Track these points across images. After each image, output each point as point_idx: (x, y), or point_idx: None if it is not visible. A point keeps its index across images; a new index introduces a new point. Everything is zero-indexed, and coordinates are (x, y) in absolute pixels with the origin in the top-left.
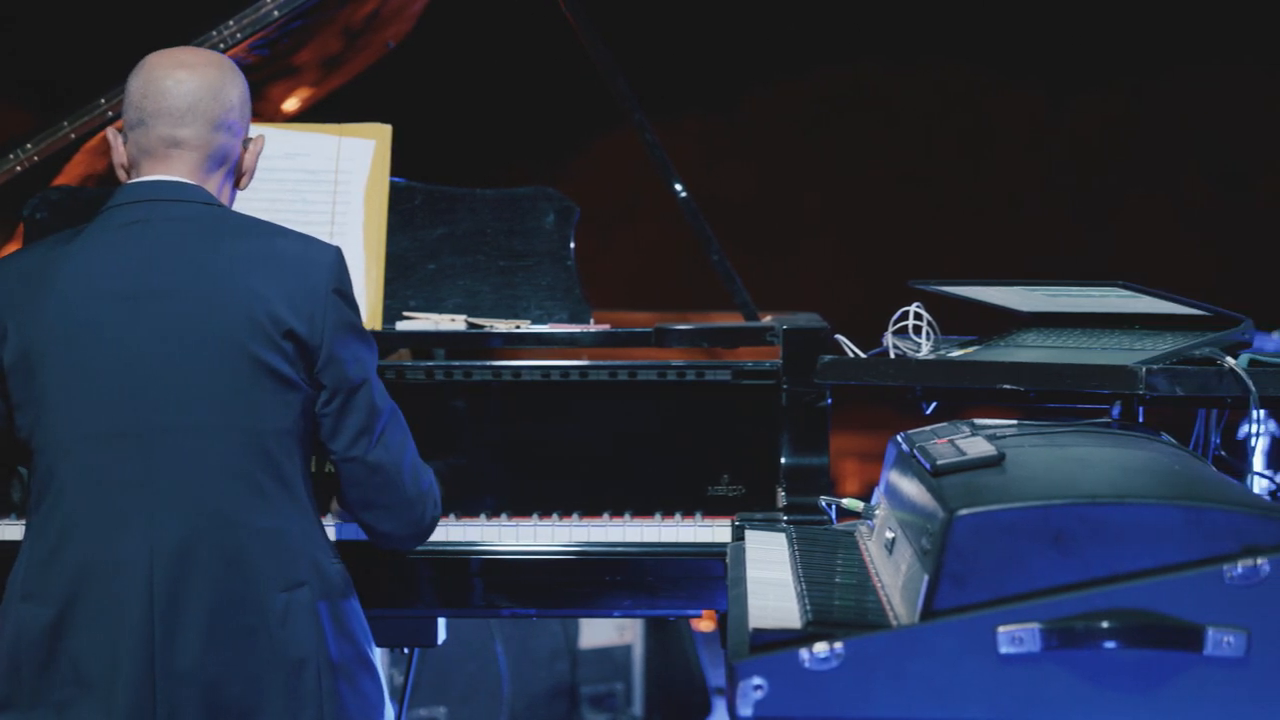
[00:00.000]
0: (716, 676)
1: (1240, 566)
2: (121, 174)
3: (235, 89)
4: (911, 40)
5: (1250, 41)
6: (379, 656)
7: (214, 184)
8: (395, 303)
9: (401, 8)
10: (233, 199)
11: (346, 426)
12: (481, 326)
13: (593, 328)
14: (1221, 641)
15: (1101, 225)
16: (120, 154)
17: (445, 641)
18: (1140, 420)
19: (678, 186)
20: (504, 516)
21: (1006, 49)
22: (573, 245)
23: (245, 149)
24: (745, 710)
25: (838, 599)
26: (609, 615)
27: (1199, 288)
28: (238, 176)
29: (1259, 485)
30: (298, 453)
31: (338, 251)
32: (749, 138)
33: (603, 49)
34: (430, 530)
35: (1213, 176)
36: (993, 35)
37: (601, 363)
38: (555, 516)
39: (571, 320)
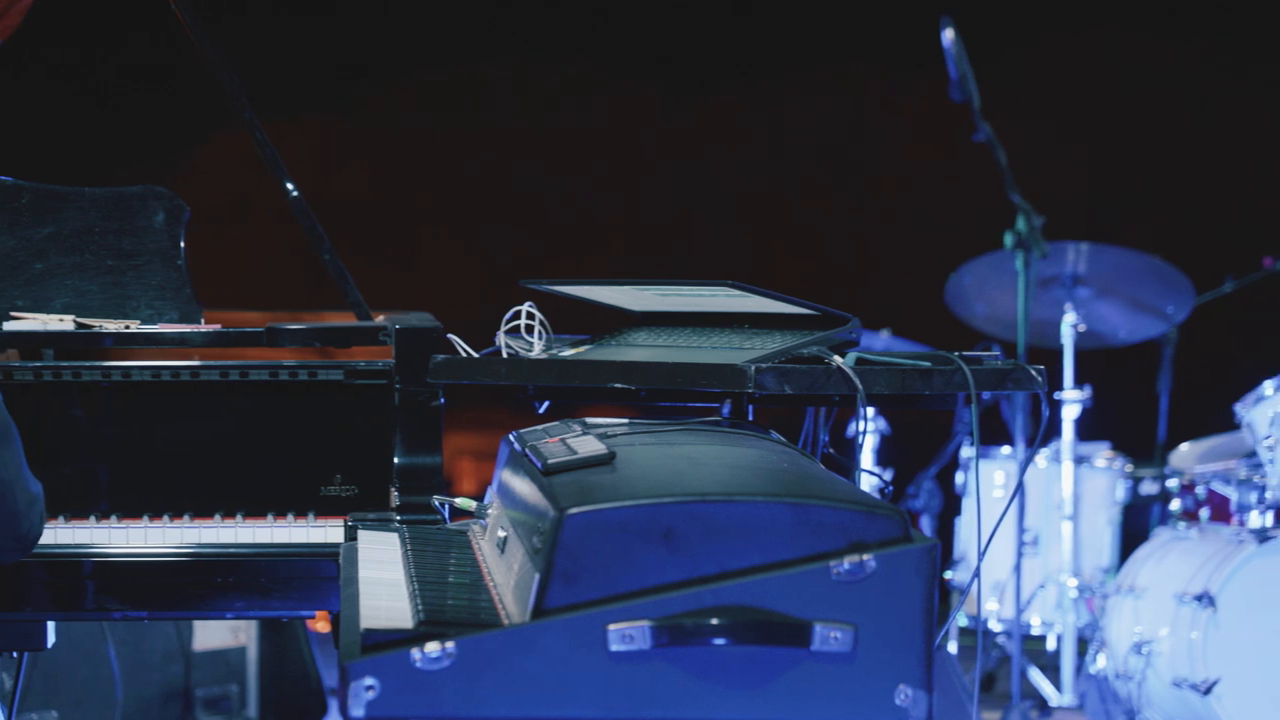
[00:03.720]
0: (332, 677)
1: (847, 563)
2: None
3: None
4: (525, 40)
5: (850, 43)
6: None
7: None
8: (2, 303)
9: (10, 3)
10: None
11: None
12: (90, 327)
13: (204, 328)
14: (829, 637)
15: (715, 225)
16: None
17: (56, 644)
18: (750, 418)
19: (289, 185)
20: (114, 518)
21: (620, 49)
22: (183, 245)
23: None
24: (357, 711)
25: (450, 598)
26: (222, 617)
27: (809, 288)
28: None
29: (867, 482)
30: None
31: None
32: (365, 138)
33: (211, 48)
34: (34, 542)
35: (824, 178)
36: (606, 35)
37: (213, 363)
38: (166, 518)
39: (182, 320)
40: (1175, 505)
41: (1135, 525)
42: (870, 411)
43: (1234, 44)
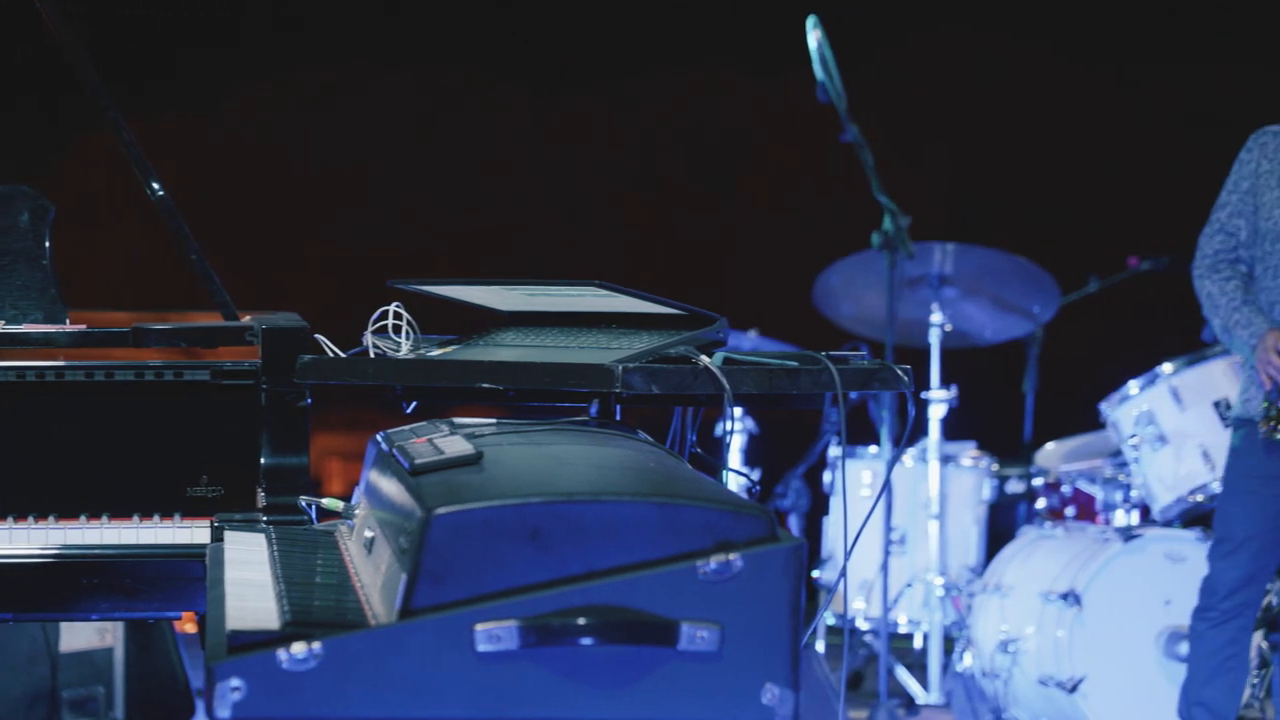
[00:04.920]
0: (199, 678)
1: (714, 562)
2: None
3: None
4: (395, 40)
5: (719, 43)
6: None
7: None
8: None
9: None
10: None
11: None
12: None
13: (69, 328)
14: (695, 636)
15: (584, 225)
16: None
17: None
18: (618, 418)
19: (155, 185)
20: None
21: (489, 50)
22: (49, 245)
23: None
24: (223, 712)
25: (317, 599)
26: (88, 618)
27: (677, 288)
28: None
29: (734, 482)
30: None
31: None
32: (233, 138)
33: (77, 46)
34: None
35: (692, 178)
36: (476, 35)
37: (78, 363)
38: (31, 519)
39: (47, 320)
40: (1041, 504)
41: (1001, 524)
42: (738, 411)
43: (1097, 43)
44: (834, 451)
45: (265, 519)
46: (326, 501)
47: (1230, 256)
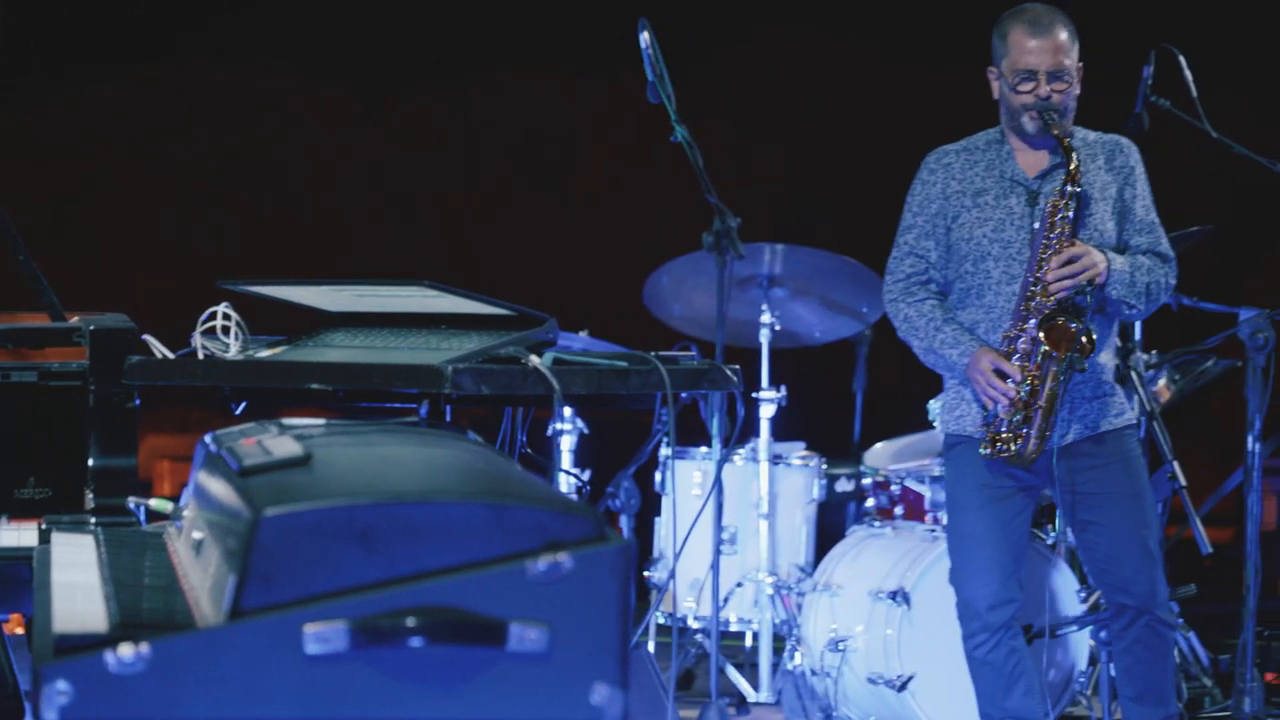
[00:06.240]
0: (28, 681)
1: (542, 563)
2: None
3: None
4: (223, 40)
5: (548, 44)
6: None
7: None
8: None
9: None
10: None
11: None
12: None
13: None
14: (524, 636)
15: (413, 226)
16: None
17: None
18: (449, 419)
19: None
20: None
21: (315, 52)
22: None
23: None
24: (50, 715)
25: (146, 601)
26: None
27: (507, 289)
28: None
29: (565, 482)
30: None
31: None
32: (64, 136)
33: None
34: None
35: (522, 179)
36: (301, 37)
37: None
38: None
39: None
40: (870, 503)
41: (831, 523)
42: (568, 411)
43: (928, 45)
44: (664, 451)
45: (94, 521)
46: (155, 503)
47: (922, 279)
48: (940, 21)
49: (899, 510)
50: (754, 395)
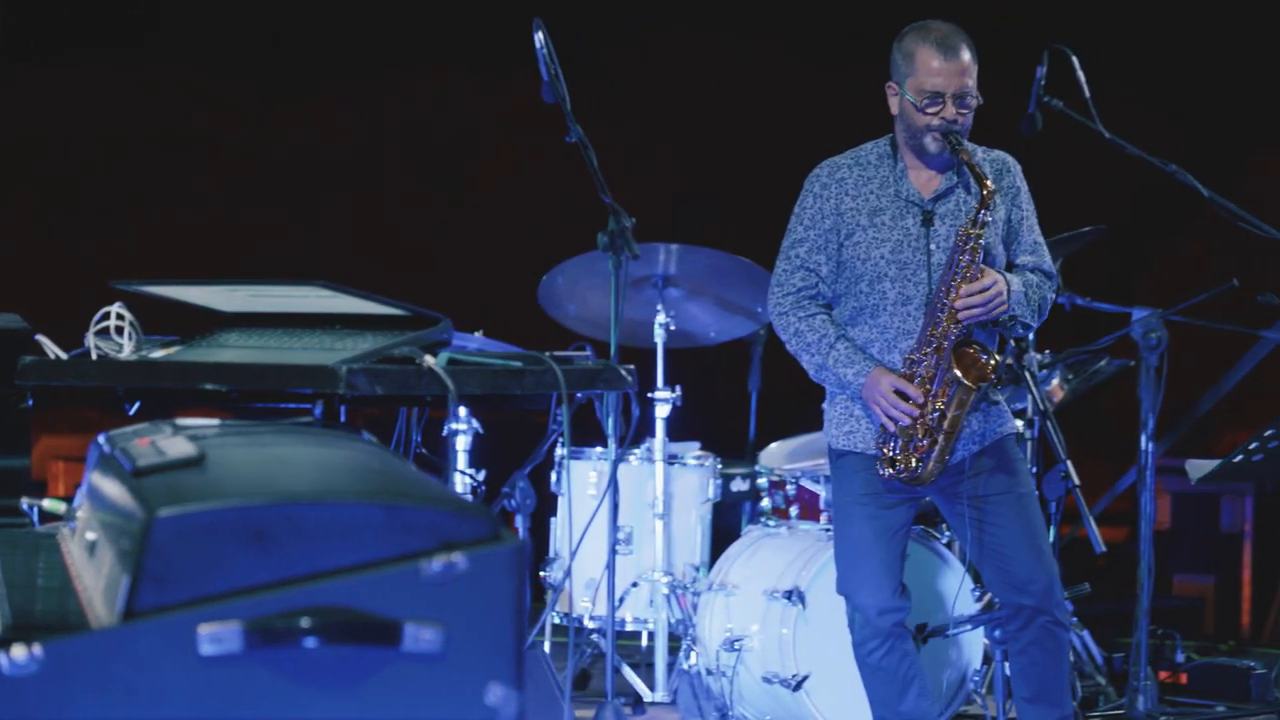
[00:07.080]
0: None
1: (437, 563)
2: None
3: None
4: (122, 39)
5: (445, 44)
6: None
7: None
8: None
9: None
10: None
11: None
12: None
13: None
14: (419, 637)
15: (309, 225)
16: None
17: None
18: (343, 419)
19: None
20: None
21: (215, 49)
22: None
23: None
24: None
25: (39, 603)
26: None
27: (402, 288)
28: None
29: (460, 482)
30: None
31: None
32: None
33: None
34: None
35: (418, 178)
36: (201, 36)
37: None
38: None
39: None
40: (765, 503)
41: (726, 523)
42: (463, 411)
43: (827, 44)
44: (560, 452)
45: None
46: (48, 503)
47: (812, 293)
48: (830, 23)
49: (794, 510)
50: (649, 395)
